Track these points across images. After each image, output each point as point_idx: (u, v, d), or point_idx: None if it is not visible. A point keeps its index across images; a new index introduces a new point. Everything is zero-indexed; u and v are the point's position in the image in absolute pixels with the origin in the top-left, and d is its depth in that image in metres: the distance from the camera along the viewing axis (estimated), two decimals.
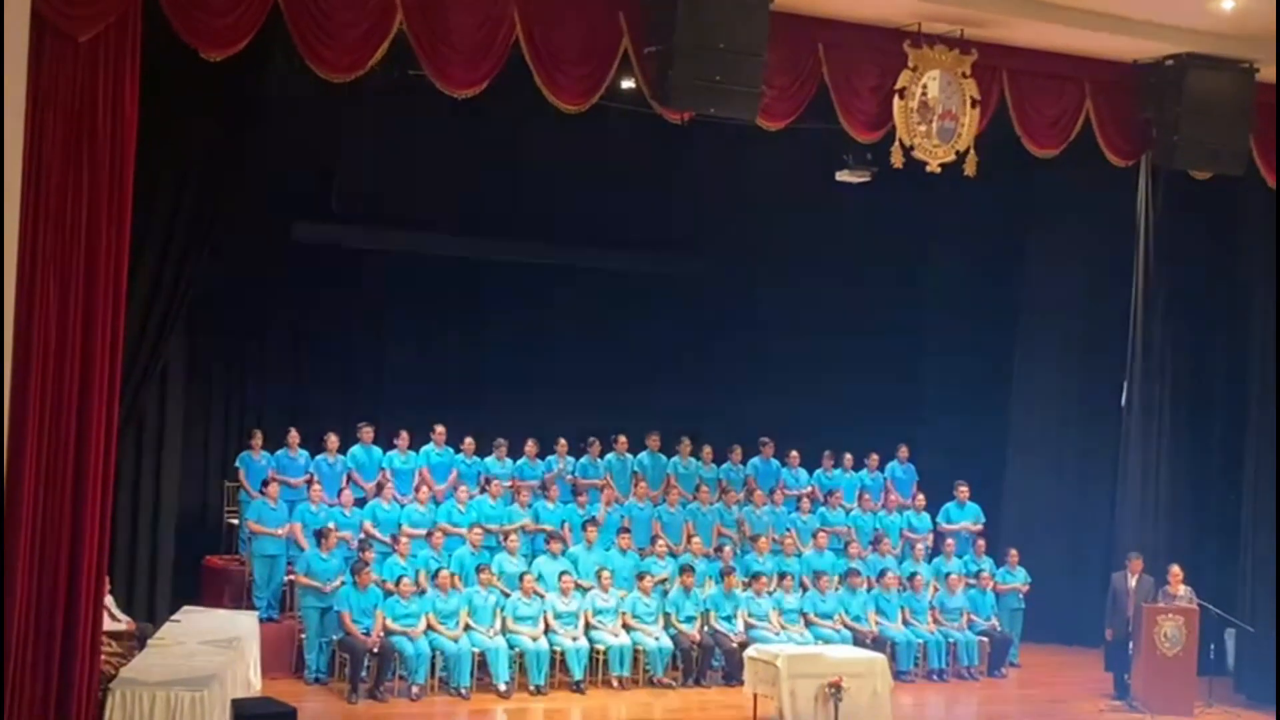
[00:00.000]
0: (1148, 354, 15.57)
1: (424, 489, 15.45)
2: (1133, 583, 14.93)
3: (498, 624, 14.27)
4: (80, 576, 10.08)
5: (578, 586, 14.82)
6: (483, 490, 15.73)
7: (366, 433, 15.71)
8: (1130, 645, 14.74)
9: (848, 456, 17.57)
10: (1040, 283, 18.20)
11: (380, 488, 15.33)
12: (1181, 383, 16.41)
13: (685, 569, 15.18)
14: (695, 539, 15.83)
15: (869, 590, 15.87)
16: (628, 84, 12.48)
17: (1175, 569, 14.86)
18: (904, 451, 17.80)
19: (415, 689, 13.75)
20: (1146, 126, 13.39)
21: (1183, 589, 14.76)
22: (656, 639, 14.77)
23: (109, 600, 11.90)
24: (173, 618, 13.42)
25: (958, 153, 12.94)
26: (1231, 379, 16.39)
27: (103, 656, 10.81)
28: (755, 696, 13.66)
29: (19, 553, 9.83)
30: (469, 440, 15.97)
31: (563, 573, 14.79)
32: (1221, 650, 15.64)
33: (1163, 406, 15.91)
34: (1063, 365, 18.02)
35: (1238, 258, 16.17)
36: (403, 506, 15.22)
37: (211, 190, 12.44)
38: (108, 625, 11.45)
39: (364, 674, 13.68)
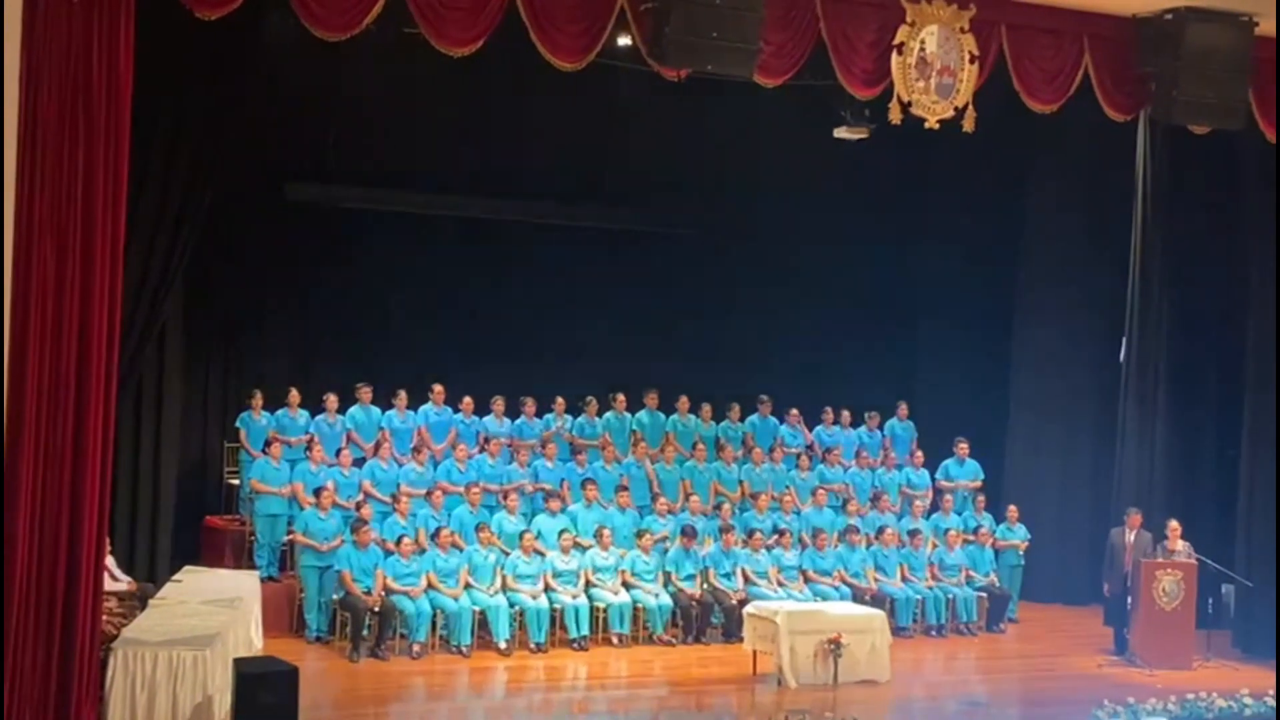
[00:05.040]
0: (1146, 309, 15.54)
1: (423, 449, 15.47)
2: (1131, 538, 14.96)
3: (498, 582, 14.32)
4: (81, 537, 10.07)
5: (577, 545, 14.87)
6: (481, 449, 15.74)
7: (365, 393, 15.70)
8: (1129, 600, 14.80)
9: (846, 414, 17.59)
10: (1039, 239, 18.14)
11: (379, 447, 15.34)
12: (1179, 338, 16.40)
13: (685, 528, 15.22)
14: (694, 497, 15.87)
15: (868, 547, 15.92)
16: (625, 41, 12.39)
17: (1174, 524, 14.90)
18: (903, 409, 17.82)
19: (416, 647, 13.81)
20: (1145, 81, 13.28)
21: (1181, 544, 14.80)
22: (656, 596, 14.82)
23: (110, 561, 11.91)
24: (174, 577, 13.44)
25: (956, 109, 12.85)
26: (1227, 335, 16.37)
27: (104, 617, 10.80)
28: (755, 653, 13.73)
29: (19, 514, 9.82)
30: (467, 400, 15.99)
31: (562, 531, 14.83)
32: (1219, 604, 15.69)
33: (1160, 362, 15.90)
34: (1063, 321, 17.96)
35: (1236, 212, 16.11)
36: (401, 466, 15.24)
37: (207, 150, 12.38)
38: (109, 585, 11.46)
39: (365, 633, 13.74)
